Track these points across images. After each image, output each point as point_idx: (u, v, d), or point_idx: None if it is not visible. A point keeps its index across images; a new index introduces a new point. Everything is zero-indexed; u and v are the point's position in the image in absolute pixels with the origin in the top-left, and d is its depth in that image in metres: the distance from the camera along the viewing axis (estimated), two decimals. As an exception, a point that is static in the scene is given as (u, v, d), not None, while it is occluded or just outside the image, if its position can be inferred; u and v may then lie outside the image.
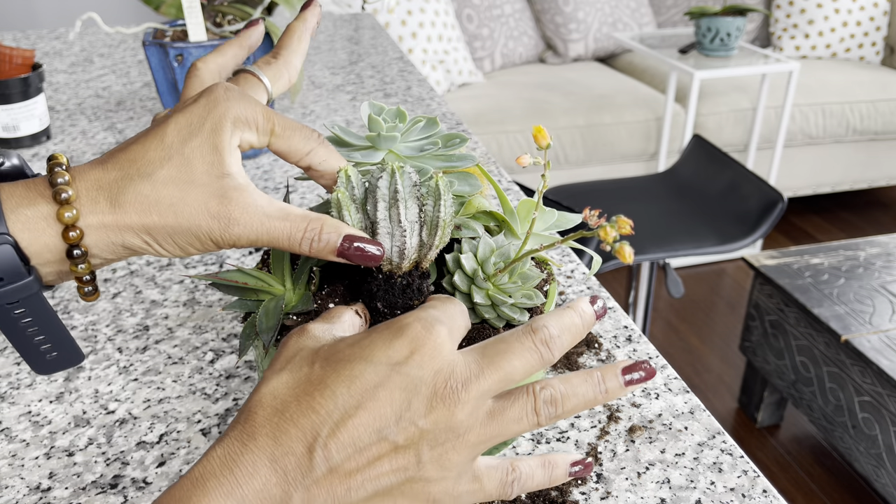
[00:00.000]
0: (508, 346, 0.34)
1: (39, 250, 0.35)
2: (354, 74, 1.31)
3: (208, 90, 0.39)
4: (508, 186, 0.89)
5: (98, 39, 1.56)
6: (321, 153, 0.40)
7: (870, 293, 1.63)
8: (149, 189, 0.36)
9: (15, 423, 0.52)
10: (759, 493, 0.46)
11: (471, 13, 2.72)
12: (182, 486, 0.31)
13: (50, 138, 1.01)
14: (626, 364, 0.35)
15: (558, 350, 0.34)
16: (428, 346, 0.33)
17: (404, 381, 0.32)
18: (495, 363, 0.33)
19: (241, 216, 0.36)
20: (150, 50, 0.87)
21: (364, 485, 0.32)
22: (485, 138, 2.35)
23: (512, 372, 0.33)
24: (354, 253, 0.38)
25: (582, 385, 0.34)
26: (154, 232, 0.36)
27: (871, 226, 2.78)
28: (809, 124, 2.61)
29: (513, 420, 0.33)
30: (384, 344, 0.33)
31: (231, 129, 0.38)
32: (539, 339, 0.34)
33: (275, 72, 0.44)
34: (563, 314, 0.35)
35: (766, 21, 3.06)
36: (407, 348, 0.33)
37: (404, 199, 0.39)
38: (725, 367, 2.04)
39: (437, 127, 0.48)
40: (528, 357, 0.34)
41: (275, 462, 0.31)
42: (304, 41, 0.46)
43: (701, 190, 1.66)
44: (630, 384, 0.35)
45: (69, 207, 0.35)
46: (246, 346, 0.45)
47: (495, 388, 0.33)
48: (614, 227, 0.35)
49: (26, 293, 0.35)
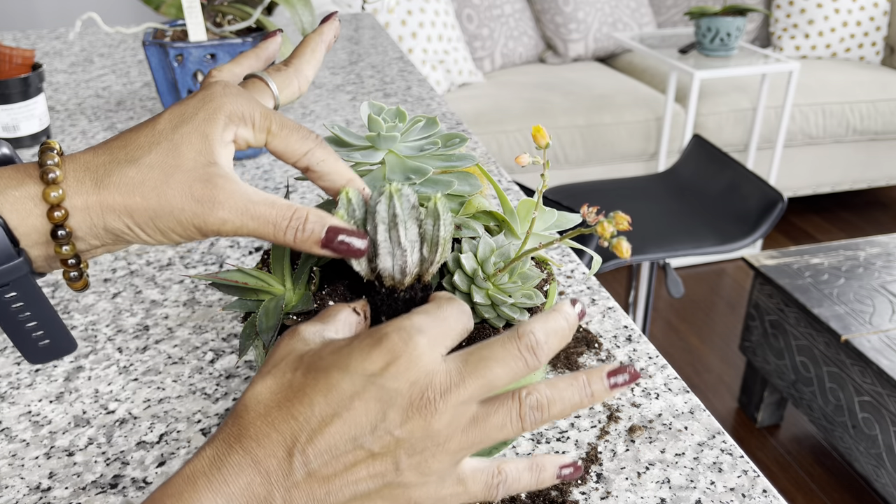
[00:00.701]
0: (492, 352, 0.34)
1: (27, 231, 0.35)
2: (354, 74, 1.31)
3: (207, 86, 0.39)
4: (508, 186, 0.89)
5: (98, 39, 1.56)
6: (319, 154, 0.40)
7: (870, 293, 1.63)
8: (134, 171, 0.36)
9: (15, 422, 0.52)
10: (759, 493, 0.46)
11: (471, 13, 2.72)
12: (174, 483, 0.32)
13: (50, 138, 1.01)
14: (611, 367, 0.35)
15: (545, 355, 0.34)
16: (403, 357, 0.33)
17: (379, 392, 0.32)
18: (477, 371, 0.33)
19: (225, 200, 0.36)
20: (150, 50, 0.87)
21: (342, 489, 0.32)
22: (485, 138, 2.35)
23: (494, 380, 0.33)
24: (339, 245, 0.38)
25: (568, 389, 0.34)
26: (136, 214, 0.36)
27: (871, 226, 2.78)
28: (809, 124, 2.61)
29: (496, 427, 0.33)
30: (361, 355, 0.33)
31: (224, 123, 0.38)
32: (524, 346, 0.34)
33: (284, 79, 0.44)
34: (549, 318, 0.35)
35: (766, 21, 3.06)
36: (383, 360, 0.33)
37: (403, 221, 0.39)
38: (725, 367, 2.04)
39: (437, 127, 0.48)
40: (512, 364, 0.34)
41: (258, 463, 0.32)
42: (318, 53, 0.45)
43: (701, 190, 1.66)
44: (615, 387, 0.35)
45: (55, 187, 0.35)
46: (246, 346, 0.45)
47: (477, 396, 0.33)
48: (612, 223, 0.35)
49: (17, 274, 0.35)
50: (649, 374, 0.56)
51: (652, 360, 0.57)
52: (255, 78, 0.43)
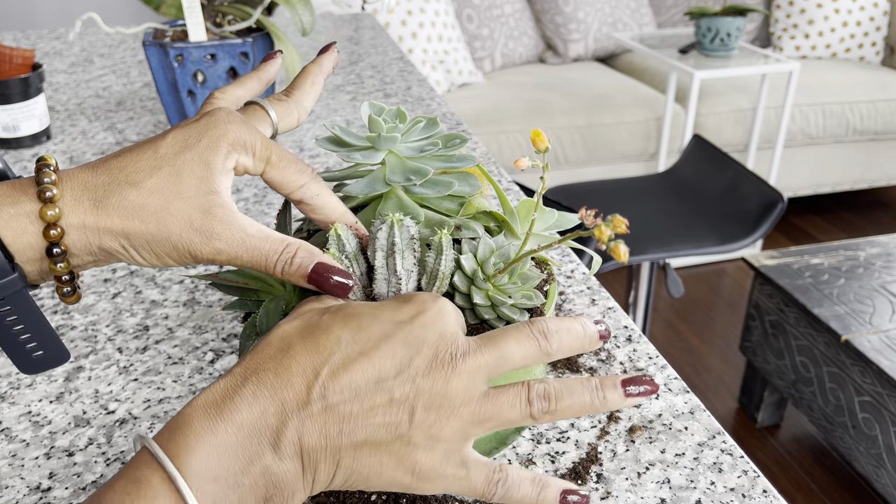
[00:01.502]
0: (507, 332, 0.35)
1: (22, 248, 0.35)
2: (354, 74, 1.31)
3: (211, 112, 0.40)
4: (508, 186, 0.89)
5: (98, 39, 1.56)
6: (314, 188, 0.41)
7: (870, 293, 1.63)
8: (134, 195, 0.36)
9: (15, 423, 0.52)
10: (759, 493, 0.46)
11: (471, 13, 2.73)
12: (185, 413, 0.32)
13: (50, 138, 1.01)
14: (627, 376, 0.36)
15: (556, 343, 0.35)
16: (434, 310, 0.35)
17: (408, 337, 0.34)
18: (494, 342, 0.35)
19: (223, 232, 0.37)
20: (150, 50, 0.87)
21: (355, 431, 0.33)
22: (485, 138, 2.35)
23: (509, 353, 0.35)
24: (325, 282, 0.38)
25: (578, 386, 0.35)
26: (133, 237, 0.37)
27: (871, 226, 2.78)
28: (809, 124, 2.61)
29: (506, 403, 0.34)
30: (392, 306, 0.35)
31: (227, 151, 0.38)
32: (537, 330, 0.35)
33: (284, 109, 0.44)
34: (563, 318, 0.37)
35: (766, 21, 3.06)
36: (414, 309, 0.35)
37: (401, 251, 0.41)
38: (725, 367, 2.04)
39: (438, 127, 0.48)
40: (526, 344, 0.35)
41: (275, 393, 0.32)
42: (317, 84, 0.46)
43: (701, 190, 1.66)
44: (630, 396, 0.35)
45: (52, 206, 0.35)
46: (246, 346, 0.45)
47: (492, 366, 0.34)
48: (609, 227, 0.35)
49: (11, 290, 0.35)
50: (649, 374, 0.56)
51: (652, 360, 0.57)
52: (257, 105, 0.44)
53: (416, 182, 0.44)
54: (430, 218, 0.45)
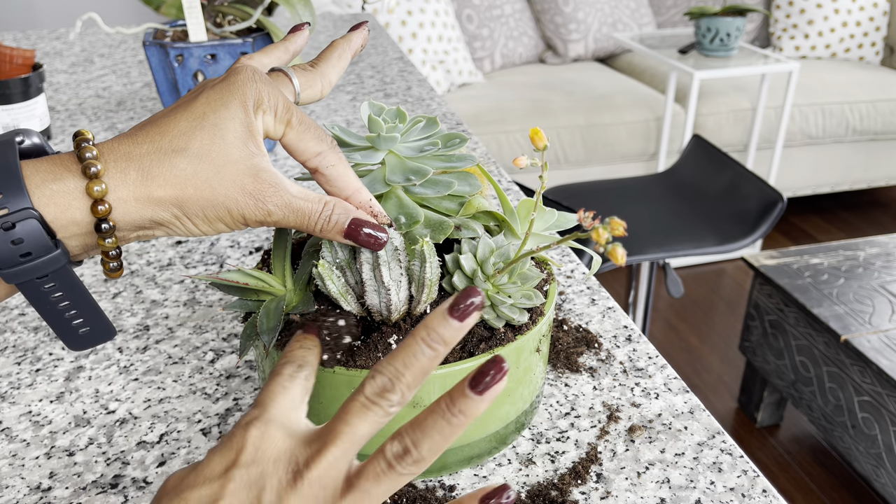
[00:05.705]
0: (345, 410, 0.32)
1: (66, 224, 0.35)
2: (354, 74, 1.31)
3: (236, 70, 0.39)
4: (508, 186, 0.89)
5: (98, 40, 1.56)
6: (331, 157, 0.41)
7: (869, 293, 1.63)
8: (184, 163, 0.36)
9: (15, 422, 0.52)
10: (759, 492, 0.46)
11: (471, 13, 2.73)
12: None
13: (50, 138, 1.01)
14: (471, 375, 0.31)
15: (401, 387, 0.31)
16: (251, 443, 0.31)
17: (244, 478, 0.30)
18: (335, 431, 0.31)
19: (273, 196, 0.38)
20: (150, 50, 0.87)
21: None
22: (485, 138, 2.35)
23: (353, 434, 0.31)
24: (360, 236, 0.40)
25: (429, 420, 0.31)
26: (186, 206, 0.37)
27: (870, 226, 2.78)
28: (809, 124, 2.61)
29: (372, 482, 0.31)
30: (216, 458, 0.32)
31: (254, 109, 0.39)
32: (372, 392, 0.31)
33: (308, 79, 0.44)
34: (403, 348, 0.31)
35: (765, 21, 3.06)
36: (234, 452, 0.31)
37: (386, 263, 0.42)
38: (725, 367, 2.04)
39: (437, 127, 0.48)
40: (367, 416, 0.31)
41: None
42: (343, 58, 0.46)
43: (701, 190, 1.66)
44: (485, 390, 0.30)
45: (98, 182, 0.35)
46: (246, 346, 0.45)
47: (344, 455, 0.31)
48: (607, 229, 0.35)
49: (54, 266, 0.35)
50: (649, 374, 0.56)
51: (652, 360, 0.57)
52: (281, 72, 0.43)
53: (416, 182, 0.44)
54: (430, 218, 0.45)
